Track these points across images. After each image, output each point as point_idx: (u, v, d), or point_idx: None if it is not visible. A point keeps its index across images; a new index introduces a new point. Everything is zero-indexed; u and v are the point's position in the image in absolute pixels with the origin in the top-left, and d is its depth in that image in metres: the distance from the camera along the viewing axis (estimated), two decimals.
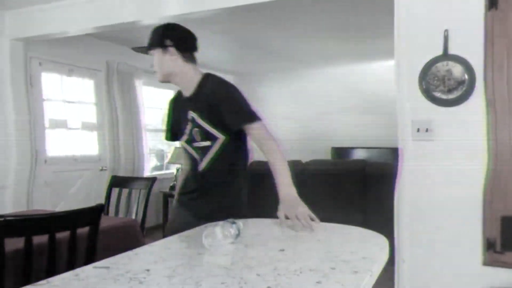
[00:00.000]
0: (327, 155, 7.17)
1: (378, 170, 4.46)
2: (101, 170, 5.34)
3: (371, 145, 6.99)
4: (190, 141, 2.04)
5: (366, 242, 1.46)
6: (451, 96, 2.35)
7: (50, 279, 1.06)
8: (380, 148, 6.82)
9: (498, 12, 2.22)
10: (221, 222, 1.40)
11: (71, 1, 3.74)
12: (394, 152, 2.67)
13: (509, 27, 2.21)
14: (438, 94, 2.38)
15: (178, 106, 2.14)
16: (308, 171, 4.73)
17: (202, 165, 2.01)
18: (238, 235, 1.38)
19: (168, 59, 2.03)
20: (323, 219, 1.82)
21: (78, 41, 4.54)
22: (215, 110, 1.92)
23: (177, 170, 6.09)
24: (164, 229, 5.45)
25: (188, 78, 2.04)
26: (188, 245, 1.47)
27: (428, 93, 2.41)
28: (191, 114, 1.99)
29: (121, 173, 5.33)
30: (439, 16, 2.38)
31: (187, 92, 2.06)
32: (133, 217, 3.34)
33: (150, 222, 5.22)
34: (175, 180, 5.92)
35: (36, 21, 3.97)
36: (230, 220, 1.41)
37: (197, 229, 1.70)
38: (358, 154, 7.06)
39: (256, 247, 1.37)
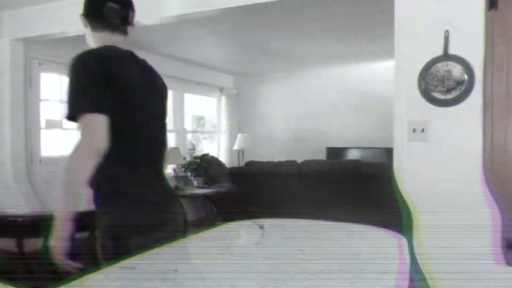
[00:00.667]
0: (322, 155, 7.20)
1: (373, 170, 4.50)
2: None
3: (366, 145, 7.03)
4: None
5: (383, 242, 1.45)
6: (449, 96, 2.36)
7: (82, 279, 1.05)
8: (375, 148, 6.85)
9: (498, 13, 2.25)
10: (246, 224, 1.40)
11: (71, 1, 3.72)
12: (389, 153, 2.67)
13: (509, 28, 2.23)
14: (436, 95, 2.40)
15: None
16: (302, 171, 4.76)
17: None
18: (262, 236, 1.38)
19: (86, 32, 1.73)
20: (320, 219, 1.82)
21: (78, 41, 4.50)
22: None
23: (174, 170, 6.09)
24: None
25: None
26: (207, 244, 1.46)
27: (426, 93, 2.42)
28: None
29: None
30: (439, 16, 2.40)
31: None
32: None
33: None
34: (178, 181, 5.93)
35: (36, 22, 3.96)
36: (255, 222, 1.42)
37: (216, 229, 1.70)
38: (353, 154, 7.09)
39: (275, 248, 1.37)
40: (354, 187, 4.52)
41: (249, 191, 4.99)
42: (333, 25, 4.81)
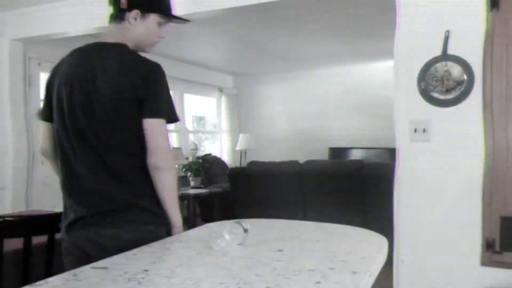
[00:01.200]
0: (324, 156, 7.18)
1: (375, 170, 4.47)
2: None
3: (368, 146, 7.01)
4: None
5: (364, 242, 1.46)
6: (449, 96, 2.35)
7: (48, 279, 1.06)
8: (377, 148, 6.84)
9: (500, 13, 2.22)
10: (228, 223, 1.40)
11: (70, 1, 3.74)
12: (391, 153, 2.67)
13: (509, 27, 2.21)
14: (436, 95, 2.38)
15: None
16: (305, 172, 4.74)
17: None
18: (246, 236, 1.38)
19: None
20: (321, 219, 1.82)
21: (78, 41, 4.51)
22: None
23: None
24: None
25: None
26: (186, 245, 1.46)
27: (426, 94, 2.41)
28: None
29: None
30: (439, 16, 2.39)
31: None
32: None
33: None
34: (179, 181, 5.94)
35: (35, 22, 3.97)
36: (237, 221, 1.41)
37: (196, 229, 1.70)
38: (355, 155, 7.07)
39: (255, 247, 1.37)
40: (356, 187, 4.50)
41: (250, 191, 4.98)
42: (334, 26, 4.80)
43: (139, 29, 1.69)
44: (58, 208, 4.61)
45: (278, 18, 4.42)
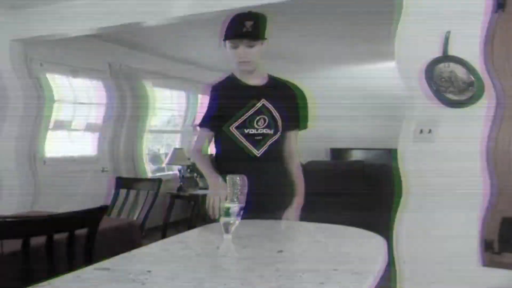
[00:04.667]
0: (326, 156, 7.17)
1: (376, 171, 4.47)
2: (103, 171, 5.33)
3: (369, 146, 6.99)
4: (243, 127, 2.07)
5: (363, 243, 1.46)
6: (463, 97, 2.32)
7: (51, 281, 1.06)
8: (379, 149, 6.82)
9: (505, 14, 2.22)
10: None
11: (71, 2, 3.74)
12: (393, 154, 2.67)
13: (510, 30, 2.21)
14: (450, 95, 2.34)
15: (232, 92, 2.15)
16: (306, 172, 4.73)
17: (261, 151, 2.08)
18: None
19: (260, 51, 2.11)
20: (321, 220, 1.82)
21: (80, 42, 4.54)
22: (292, 106, 2.18)
23: (180, 171, 6.09)
24: (164, 230, 5.48)
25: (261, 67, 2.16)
26: (185, 246, 1.47)
27: (439, 94, 2.37)
28: (255, 102, 2.08)
29: (123, 174, 5.32)
30: (440, 17, 2.38)
31: (254, 81, 2.15)
32: (135, 218, 3.34)
33: (154, 223, 5.20)
34: (181, 181, 5.93)
35: (36, 22, 3.96)
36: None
37: (195, 230, 1.70)
38: (357, 155, 7.06)
39: (254, 248, 1.37)
40: (357, 188, 4.50)
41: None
42: (337, 27, 4.79)
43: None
44: (62, 209, 4.62)
45: (280, 20, 4.40)
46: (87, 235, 1.94)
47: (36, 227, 1.79)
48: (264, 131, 2.08)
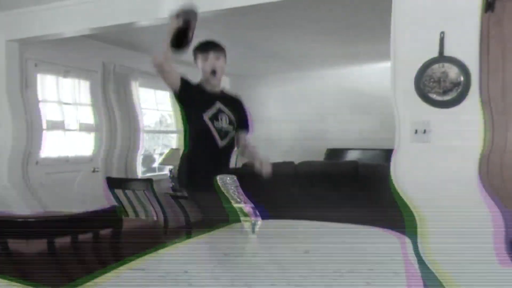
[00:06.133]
0: (322, 156, 7.18)
1: (370, 171, 4.47)
2: (94, 171, 5.30)
3: (366, 147, 7.01)
4: (212, 120, 2.64)
5: (383, 243, 1.45)
6: (446, 97, 2.36)
7: (96, 281, 1.03)
8: (375, 149, 6.83)
9: (494, 15, 2.24)
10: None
11: (66, 2, 3.72)
12: (387, 154, 2.68)
13: (504, 30, 2.22)
14: (433, 96, 2.39)
15: (201, 92, 2.71)
16: (299, 173, 4.73)
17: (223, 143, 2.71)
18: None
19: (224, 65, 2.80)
20: (316, 220, 1.81)
21: (74, 42, 4.53)
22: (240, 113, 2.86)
23: (170, 171, 6.06)
24: (188, 230, 5.41)
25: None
26: (211, 246, 1.45)
27: (423, 95, 2.41)
28: (220, 105, 2.71)
29: (114, 174, 5.28)
30: (435, 18, 2.40)
31: (214, 89, 2.75)
32: (154, 218, 3.35)
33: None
34: (172, 181, 5.90)
35: (31, 22, 3.95)
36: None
37: (218, 231, 1.68)
38: (353, 156, 7.07)
39: (282, 249, 1.35)
40: (351, 188, 4.50)
41: (244, 192, 4.96)
42: (332, 27, 4.80)
43: None
44: (54, 209, 4.59)
45: (277, 19, 4.42)
46: (111, 235, 1.88)
47: (60, 227, 1.73)
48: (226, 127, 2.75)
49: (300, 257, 1.25)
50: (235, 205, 1.39)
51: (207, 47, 2.77)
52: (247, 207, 1.38)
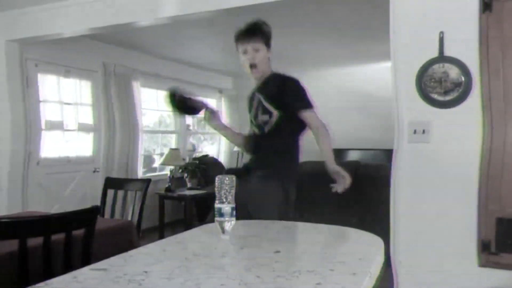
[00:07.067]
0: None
1: (371, 171, 4.46)
2: (94, 171, 5.31)
3: (367, 147, 7.00)
4: (254, 117, 2.50)
5: (361, 243, 1.46)
6: (448, 97, 2.36)
7: (48, 281, 1.05)
8: (376, 150, 6.83)
9: (492, 15, 2.23)
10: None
11: (66, 2, 3.72)
12: (387, 154, 2.68)
13: (504, 30, 2.22)
14: (434, 96, 2.39)
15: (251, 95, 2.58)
16: (300, 173, 4.72)
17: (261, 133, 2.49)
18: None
19: (268, 58, 2.54)
20: (316, 220, 1.82)
21: (74, 42, 4.53)
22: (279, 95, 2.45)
23: (171, 171, 6.07)
24: (161, 231, 5.46)
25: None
26: (183, 246, 1.46)
27: (425, 95, 2.41)
28: (259, 96, 2.49)
29: (114, 174, 5.29)
30: (434, 18, 2.39)
31: (258, 81, 2.56)
32: (129, 218, 3.32)
33: (146, 224, 5.20)
34: (170, 181, 5.91)
35: (31, 23, 3.95)
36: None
37: (192, 231, 1.70)
38: (354, 156, 7.06)
39: (252, 248, 1.37)
40: (352, 188, 4.49)
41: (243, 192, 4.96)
42: (333, 27, 4.80)
43: None
44: (54, 210, 4.62)
45: (277, 19, 4.40)
46: (84, 236, 1.93)
47: (33, 227, 1.77)
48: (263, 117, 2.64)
49: (268, 257, 1.27)
50: (216, 205, 1.40)
51: (245, 37, 2.54)
52: (226, 207, 1.39)
